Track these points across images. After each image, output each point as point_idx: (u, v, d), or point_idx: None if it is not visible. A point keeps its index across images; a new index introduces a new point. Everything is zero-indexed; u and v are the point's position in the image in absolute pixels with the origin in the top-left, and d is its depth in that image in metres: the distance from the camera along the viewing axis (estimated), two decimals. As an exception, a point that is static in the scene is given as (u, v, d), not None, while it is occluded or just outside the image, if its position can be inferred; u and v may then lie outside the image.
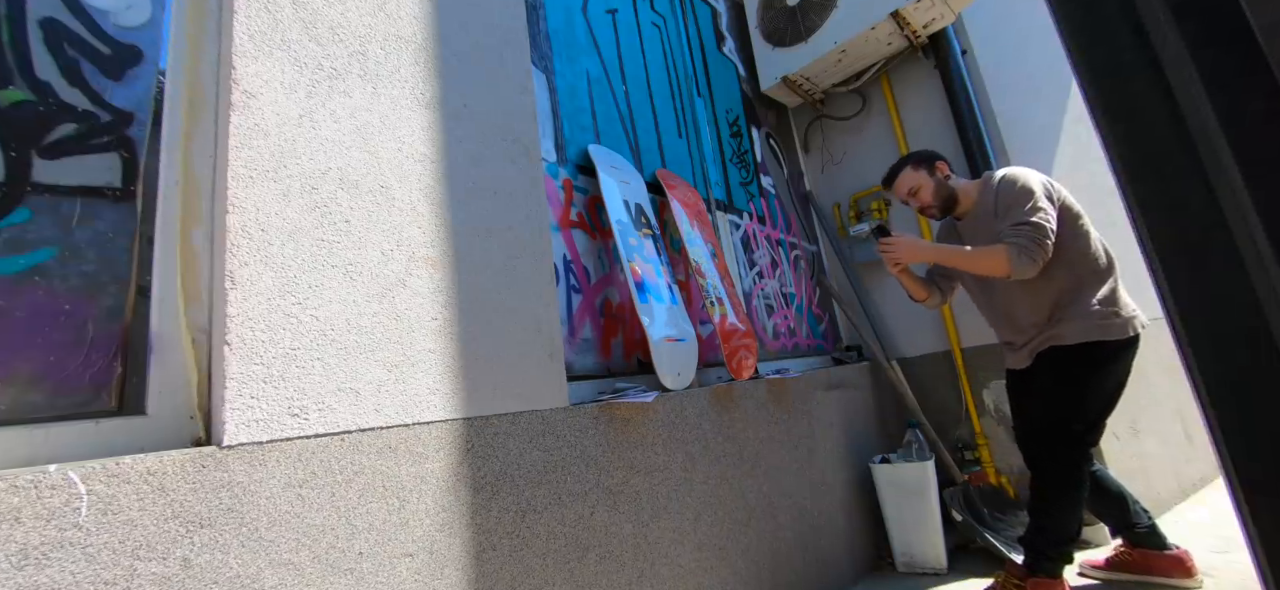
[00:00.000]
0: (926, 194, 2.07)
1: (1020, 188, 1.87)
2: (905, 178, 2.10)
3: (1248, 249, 0.45)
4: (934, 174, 2.08)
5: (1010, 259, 1.77)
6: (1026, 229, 1.79)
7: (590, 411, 1.56)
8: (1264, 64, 0.43)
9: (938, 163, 2.09)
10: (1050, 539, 1.90)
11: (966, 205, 2.07)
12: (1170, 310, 0.50)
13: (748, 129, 3.19)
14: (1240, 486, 0.47)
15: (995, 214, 1.93)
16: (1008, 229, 1.83)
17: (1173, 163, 0.49)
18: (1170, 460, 2.77)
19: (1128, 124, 0.52)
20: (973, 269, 1.90)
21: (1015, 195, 1.87)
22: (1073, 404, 1.86)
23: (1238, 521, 0.48)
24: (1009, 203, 1.88)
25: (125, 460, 0.85)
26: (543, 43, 2.10)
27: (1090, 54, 0.54)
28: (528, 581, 1.29)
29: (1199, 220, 0.48)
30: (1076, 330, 1.83)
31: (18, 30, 0.98)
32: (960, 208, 2.08)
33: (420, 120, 1.41)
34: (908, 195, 2.10)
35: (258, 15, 1.16)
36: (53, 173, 0.98)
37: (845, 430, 2.53)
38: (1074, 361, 1.84)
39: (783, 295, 2.95)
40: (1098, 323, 1.82)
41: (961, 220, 2.12)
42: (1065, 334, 1.85)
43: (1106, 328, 1.81)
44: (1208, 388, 0.48)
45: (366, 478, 1.10)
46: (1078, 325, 1.83)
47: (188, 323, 1.03)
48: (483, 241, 1.45)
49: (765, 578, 1.89)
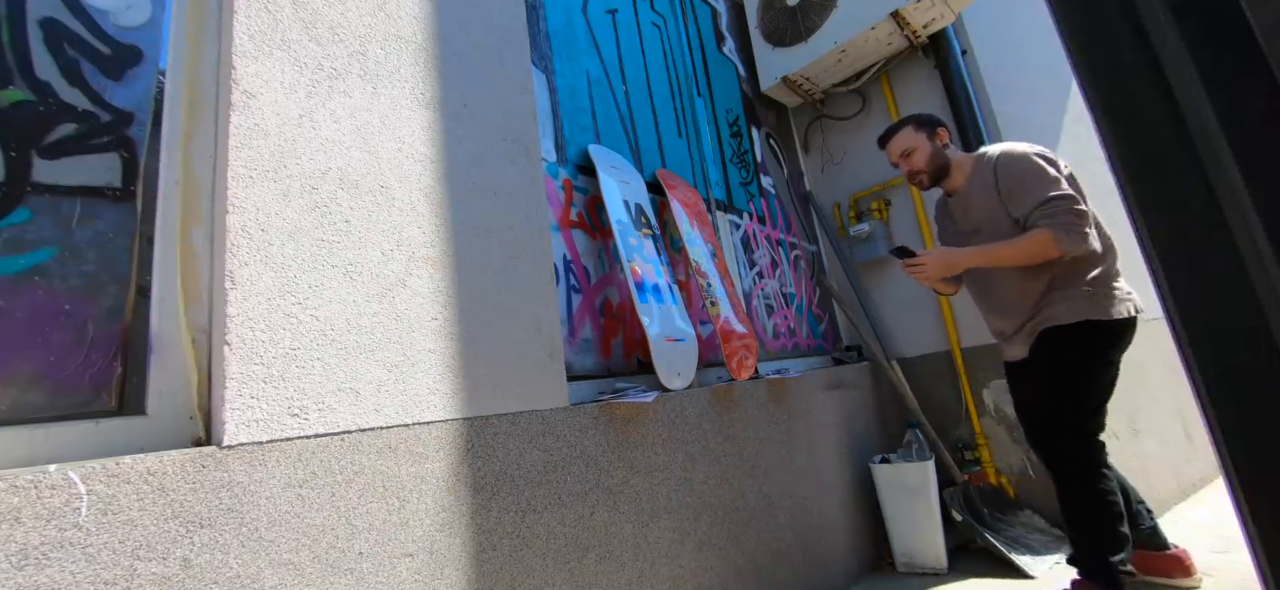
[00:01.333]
0: (920, 158, 2.00)
1: (1031, 169, 1.80)
2: (903, 137, 2.03)
3: (1248, 249, 0.45)
4: (933, 139, 2.01)
5: (1058, 238, 1.71)
6: (1060, 206, 1.72)
7: (590, 411, 1.56)
8: (1264, 64, 0.43)
9: (939, 129, 2.02)
10: (1088, 545, 1.81)
11: (958, 181, 2.00)
12: (1170, 310, 0.50)
13: (748, 129, 3.19)
14: (1240, 486, 0.47)
15: (996, 192, 1.86)
16: (1039, 213, 1.76)
17: (1173, 163, 0.49)
18: (1170, 460, 2.77)
19: (1128, 124, 0.52)
20: (1018, 261, 1.81)
21: (1024, 176, 1.80)
22: (1069, 395, 1.81)
23: (1238, 521, 0.48)
24: (1017, 184, 1.82)
25: (125, 460, 0.85)
26: (543, 43, 2.10)
27: (1090, 54, 0.54)
28: (528, 581, 1.29)
29: (1199, 220, 0.48)
30: (1070, 309, 1.78)
31: (18, 30, 0.98)
32: (951, 181, 2.01)
33: (420, 120, 1.41)
34: (900, 157, 2.04)
35: (258, 15, 1.16)
36: (53, 173, 0.98)
37: (845, 430, 2.53)
38: (1069, 344, 1.79)
39: (783, 295, 2.95)
40: (1089, 301, 1.77)
41: (952, 196, 2.04)
42: (1059, 313, 1.80)
43: (1098, 306, 1.76)
44: (1208, 388, 0.48)
45: (366, 478, 1.10)
46: (1071, 305, 1.78)
47: (188, 323, 1.03)
48: (483, 241, 1.45)
49: (765, 578, 1.89)
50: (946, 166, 2.00)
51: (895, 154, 2.05)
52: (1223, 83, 0.46)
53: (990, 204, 1.89)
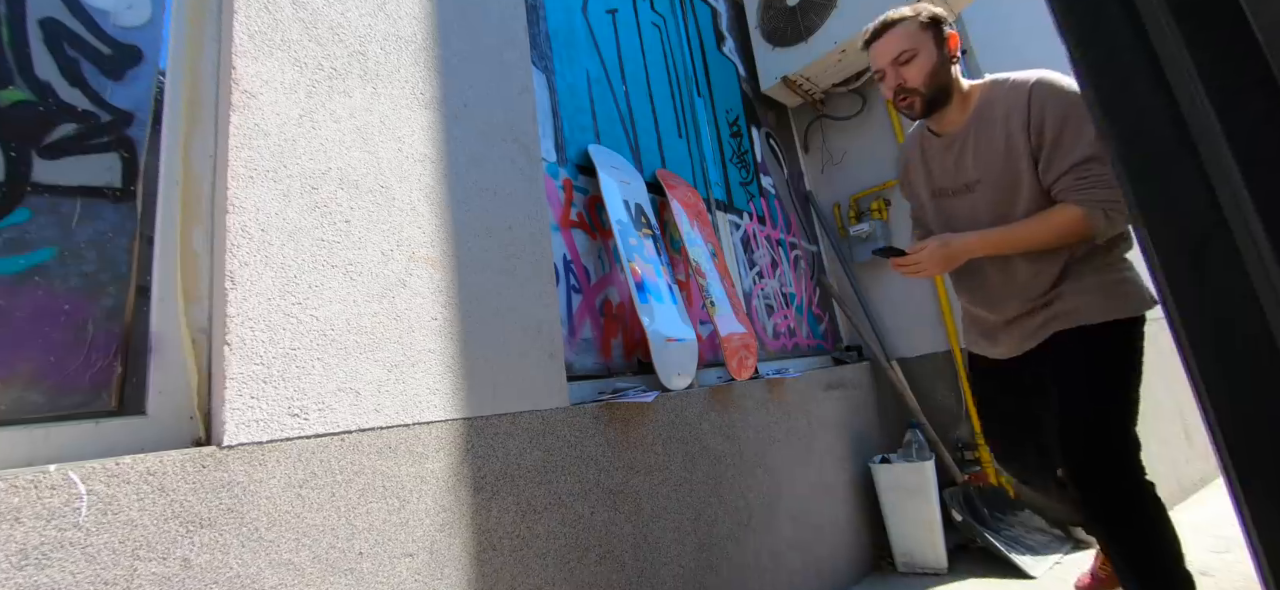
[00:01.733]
0: (919, 71, 1.42)
1: (1083, 113, 1.31)
2: (903, 34, 1.43)
3: (1248, 249, 0.45)
4: (942, 47, 1.44)
5: (1091, 220, 1.30)
6: (1100, 176, 1.29)
7: (590, 411, 1.56)
8: (1264, 64, 0.43)
9: (951, 34, 1.45)
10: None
11: (956, 117, 1.47)
12: (1170, 310, 0.50)
13: (748, 129, 3.19)
14: (1240, 486, 0.47)
15: (1028, 132, 1.36)
16: (1072, 181, 1.31)
17: (1173, 163, 0.49)
18: (1170, 460, 2.77)
19: (1128, 124, 0.52)
20: (1037, 245, 1.37)
21: (1079, 121, 1.31)
22: (1122, 404, 1.34)
23: (1238, 521, 0.48)
24: (1064, 128, 1.32)
25: (125, 460, 0.85)
26: (543, 43, 2.10)
27: (1090, 54, 0.54)
28: (528, 581, 1.29)
29: (1199, 220, 0.48)
30: (1097, 305, 1.36)
31: (18, 30, 0.98)
32: (946, 116, 1.48)
33: (420, 120, 1.41)
34: (891, 64, 1.44)
35: (258, 15, 1.16)
36: (53, 173, 0.98)
37: (845, 430, 2.53)
38: (1104, 346, 1.35)
39: (783, 295, 2.95)
40: (1119, 292, 1.37)
41: (941, 136, 1.52)
42: (1083, 310, 1.37)
43: (1130, 299, 1.36)
44: (1208, 388, 0.48)
45: (366, 478, 1.10)
46: (1099, 299, 1.36)
47: (188, 323, 1.03)
48: (483, 241, 1.45)
49: (766, 578, 1.89)
50: (948, 90, 1.45)
51: (885, 57, 1.45)
52: (1223, 83, 0.46)
53: (1010, 149, 1.39)
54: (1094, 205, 1.29)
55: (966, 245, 1.43)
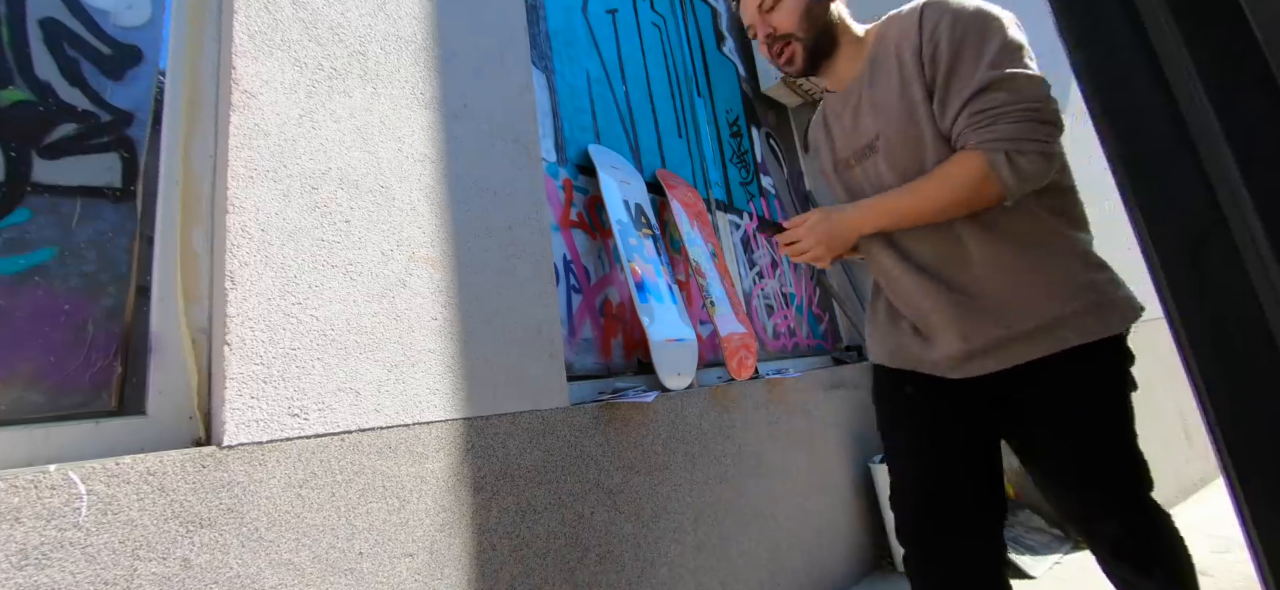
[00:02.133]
0: (787, 14, 1.10)
1: (986, 25, 0.97)
2: None
3: (1247, 247, 0.45)
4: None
5: (993, 168, 0.93)
6: (995, 110, 0.94)
7: (590, 411, 1.56)
8: (1263, 62, 0.43)
9: None
10: None
11: (847, 67, 1.15)
12: (1170, 310, 0.50)
13: (748, 129, 3.19)
14: (1240, 486, 0.47)
15: (920, 62, 1.01)
16: (965, 118, 0.96)
17: (1171, 161, 0.49)
18: (1170, 460, 2.77)
19: (1128, 124, 0.52)
20: (934, 211, 1.01)
21: (972, 38, 0.97)
22: (1129, 436, 1.05)
23: (1238, 521, 0.48)
24: (961, 49, 0.97)
25: (125, 460, 0.85)
26: (543, 43, 2.10)
27: (1090, 53, 0.54)
28: (527, 581, 1.29)
29: (1198, 219, 0.48)
30: (1091, 321, 0.99)
31: (18, 30, 0.98)
32: (836, 67, 1.16)
33: (420, 120, 1.41)
34: (758, 10, 1.13)
35: (258, 15, 1.16)
36: (53, 173, 0.98)
37: (845, 430, 2.53)
38: (1103, 372, 1.02)
39: (783, 295, 2.94)
40: (1108, 301, 1.01)
41: (834, 92, 1.20)
42: (1086, 325, 0.99)
43: (1120, 307, 1.02)
44: (1208, 388, 0.48)
45: (366, 478, 1.10)
46: (1093, 313, 1.00)
47: (188, 323, 1.03)
48: (482, 241, 1.45)
49: (765, 578, 1.89)
50: (832, 36, 1.13)
51: (750, 7, 1.14)
52: (1222, 81, 0.45)
53: (905, 90, 1.04)
54: (994, 147, 0.92)
55: (853, 219, 1.10)
